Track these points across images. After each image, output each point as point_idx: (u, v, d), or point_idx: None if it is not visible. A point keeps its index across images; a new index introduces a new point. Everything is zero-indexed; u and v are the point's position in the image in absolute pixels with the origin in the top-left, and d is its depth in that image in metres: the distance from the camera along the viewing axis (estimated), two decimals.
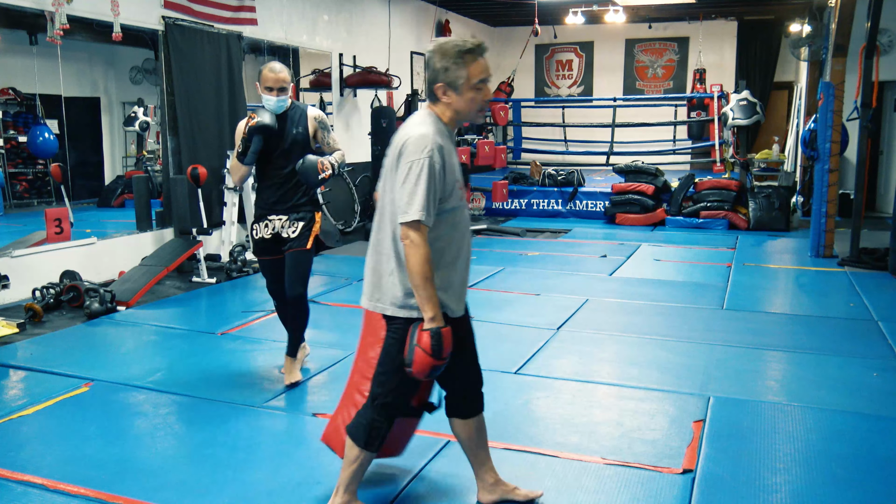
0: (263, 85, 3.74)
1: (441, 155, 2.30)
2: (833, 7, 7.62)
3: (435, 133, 2.33)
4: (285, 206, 3.90)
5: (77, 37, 6.71)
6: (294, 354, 4.01)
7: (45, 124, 7.78)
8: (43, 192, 8.98)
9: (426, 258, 2.27)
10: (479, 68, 2.36)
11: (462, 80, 2.33)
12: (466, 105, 2.36)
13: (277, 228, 3.88)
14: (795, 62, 13.15)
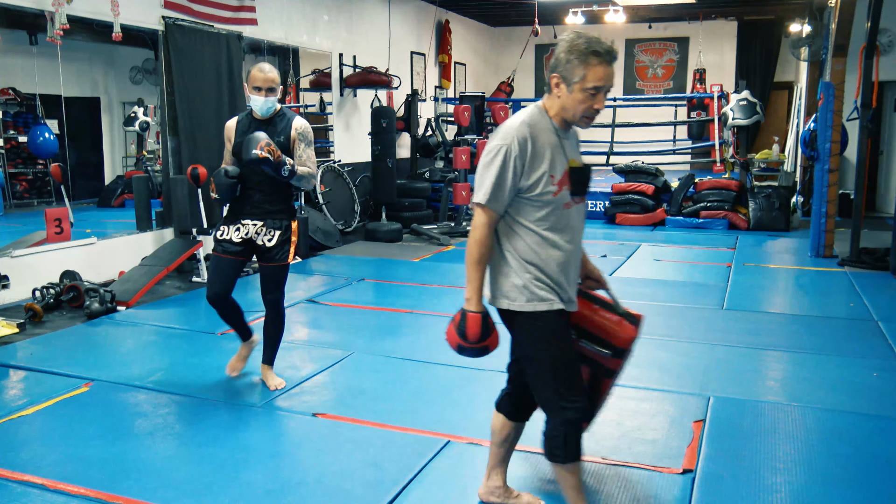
0: (252, 84, 3.64)
1: (522, 145, 2.25)
2: (833, 7, 7.62)
3: (524, 123, 2.29)
4: (260, 212, 3.73)
5: (77, 37, 6.71)
6: (271, 362, 3.97)
7: (45, 124, 7.78)
8: (43, 192, 8.97)
9: (480, 241, 2.29)
10: (598, 74, 2.21)
11: (577, 79, 2.22)
12: (573, 105, 2.25)
13: (251, 234, 3.73)
14: (795, 62, 13.16)
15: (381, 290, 6.36)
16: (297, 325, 5.22)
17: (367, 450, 3.17)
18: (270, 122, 3.71)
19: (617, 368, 2.54)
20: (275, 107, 3.69)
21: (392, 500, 2.75)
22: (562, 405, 2.35)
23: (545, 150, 2.28)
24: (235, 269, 3.80)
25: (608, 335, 2.48)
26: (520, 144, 2.26)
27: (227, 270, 3.79)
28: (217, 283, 3.79)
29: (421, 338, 4.80)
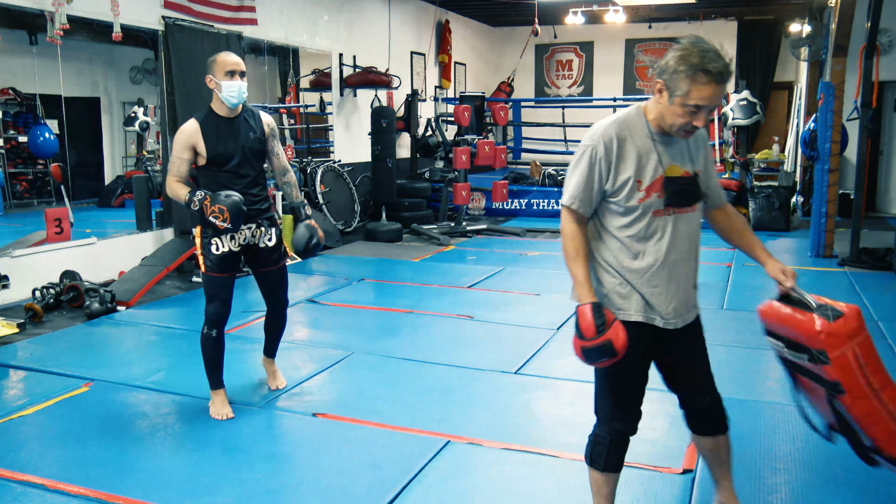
0: (223, 70, 3.28)
1: (608, 146, 2.20)
2: (833, 7, 7.62)
3: (615, 123, 2.24)
4: (254, 212, 3.50)
5: (77, 37, 6.71)
6: (274, 354, 3.91)
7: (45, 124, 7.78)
8: (43, 192, 8.98)
9: (571, 236, 2.24)
10: (703, 93, 2.07)
11: (680, 93, 2.10)
12: (671, 117, 2.15)
13: (248, 238, 3.52)
14: (795, 62, 13.15)
15: (381, 290, 6.36)
16: (297, 325, 5.22)
17: (367, 450, 3.17)
18: (238, 118, 3.40)
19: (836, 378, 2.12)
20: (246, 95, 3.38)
21: (392, 500, 2.75)
22: (611, 415, 2.34)
23: (633, 154, 2.20)
24: (233, 284, 3.57)
25: (800, 337, 2.21)
26: (605, 146, 2.21)
27: (229, 288, 3.53)
28: (219, 300, 3.50)
29: (421, 338, 4.80)
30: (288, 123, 10.78)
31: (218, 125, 3.38)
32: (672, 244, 2.28)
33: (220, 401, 3.57)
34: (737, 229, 2.49)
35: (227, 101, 3.35)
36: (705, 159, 2.36)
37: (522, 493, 2.81)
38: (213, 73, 3.32)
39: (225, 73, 3.30)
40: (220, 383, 3.58)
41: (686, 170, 2.27)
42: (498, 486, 2.86)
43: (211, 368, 3.56)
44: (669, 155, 2.23)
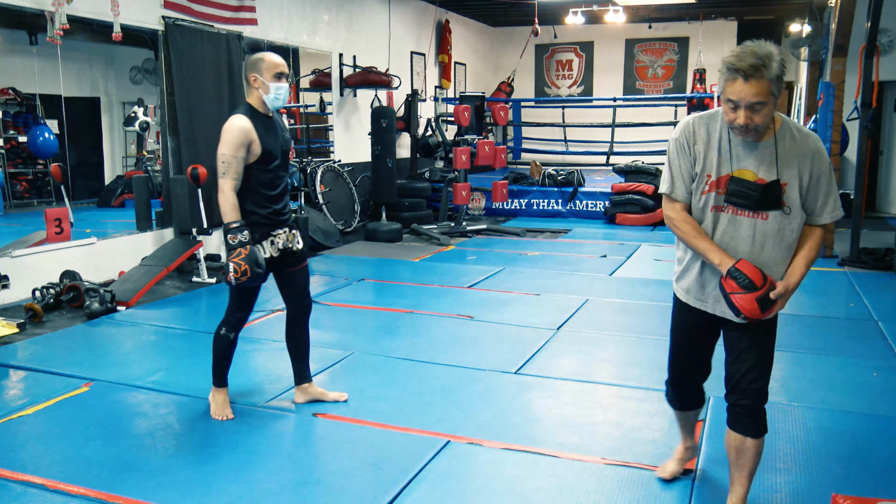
0: (273, 72, 3.25)
1: (688, 137, 2.40)
2: (833, 7, 7.62)
3: (698, 117, 2.43)
4: (286, 217, 3.44)
5: (77, 37, 6.71)
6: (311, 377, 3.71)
7: (45, 124, 7.79)
8: (43, 192, 8.98)
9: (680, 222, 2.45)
10: (733, 88, 2.21)
11: (719, 91, 2.31)
12: (725, 115, 2.29)
13: (285, 243, 3.41)
14: (795, 62, 13.15)
15: (381, 290, 6.36)
16: None
17: (367, 450, 3.17)
18: (273, 118, 3.38)
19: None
20: None
21: (392, 500, 2.75)
22: (666, 380, 2.81)
23: (709, 149, 2.38)
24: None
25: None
26: (685, 136, 2.41)
27: (257, 295, 3.48)
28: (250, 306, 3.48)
29: (421, 338, 4.80)
30: (288, 123, 10.79)
31: (263, 123, 3.30)
32: (725, 241, 2.40)
33: (223, 400, 3.55)
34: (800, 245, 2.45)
35: (273, 102, 3.31)
36: (800, 174, 2.33)
37: (522, 493, 2.81)
38: (261, 74, 3.26)
39: (274, 76, 3.26)
40: (225, 382, 3.57)
41: (761, 177, 2.32)
42: (498, 486, 2.86)
43: (220, 367, 3.54)
44: (746, 158, 2.34)
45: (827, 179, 2.36)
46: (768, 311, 2.35)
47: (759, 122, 2.22)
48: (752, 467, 2.51)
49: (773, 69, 2.18)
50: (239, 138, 3.19)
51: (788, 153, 2.32)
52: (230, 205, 3.19)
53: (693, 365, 2.68)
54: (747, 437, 2.46)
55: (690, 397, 2.78)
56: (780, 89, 2.23)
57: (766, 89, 2.18)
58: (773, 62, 2.18)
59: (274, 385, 3.93)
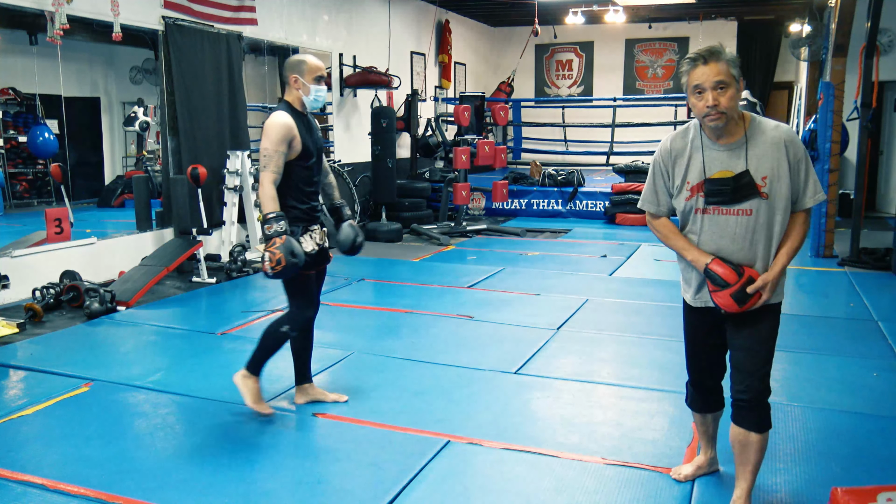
0: (314, 75, 3.32)
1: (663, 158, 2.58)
2: (833, 7, 7.62)
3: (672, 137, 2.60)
4: (318, 214, 3.54)
5: (77, 37, 6.71)
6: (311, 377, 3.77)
7: (45, 124, 7.79)
8: (43, 192, 8.98)
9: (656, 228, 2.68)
10: (694, 74, 2.39)
11: (685, 87, 2.45)
12: (696, 111, 2.43)
13: (320, 239, 3.51)
14: (795, 62, 13.16)
15: (381, 290, 6.36)
16: None
17: (367, 450, 3.17)
18: (309, 117, 3.45)
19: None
20: None
21: (392, 500, 2.75)
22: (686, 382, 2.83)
23: (690, 159, 2.52)
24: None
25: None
26: (663, 158, 2.59)
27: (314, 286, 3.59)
28: (313, 300, 3.61)
29: (421, 338, 4.80)
30: None
31: (302, 121, 3.36)
32: (713, 239, 2.51)
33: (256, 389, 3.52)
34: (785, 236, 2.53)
35: (313, 104, 3.38)
36: (779, 163, 2.42)
37: (522, 493, 2.81)
38: (302, 75, 3.32)
39: (315, 78, 3.33)
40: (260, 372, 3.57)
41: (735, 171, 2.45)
42: (498, 486, 2.86)
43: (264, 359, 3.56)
44: (720, 160, 2.46)
45: (805, 164, 2.46)
46: (747, 304, 2.45)
47: (724, 103, 2.36)
48: (756, 462, 2.56)
49: (727, 53, 2.39)
50: (281, 133, 3.23)
51: (761, 146, 2.43)
52: (269, 196, 3.21)
53: (706, 363, 2.74)
54: (751, 431, 2.52)
55: (710, 398, 2.80)
56: (739, 76, 2.39)
57: (725, 69, 2.36)
58: (725, 49, 2.41)
59: (274, 385, 3.93)
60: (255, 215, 7.53)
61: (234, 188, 7.30)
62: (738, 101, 2.42)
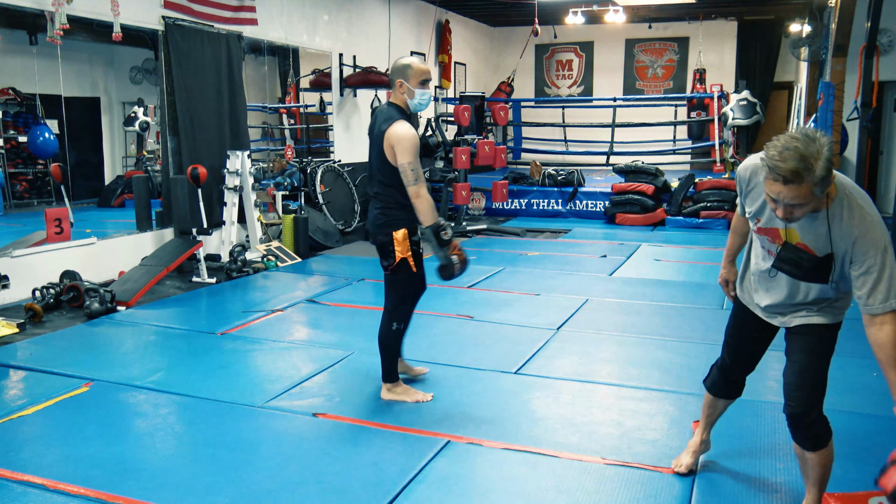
0: (420, 78, 3.42)
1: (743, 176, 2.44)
2: (833, 7, 7.62)
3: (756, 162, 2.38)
4: None
5: (77, 37, 6.71)
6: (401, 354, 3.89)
7: (45, 124, 7.78)
8: (43, 192, 8.97)
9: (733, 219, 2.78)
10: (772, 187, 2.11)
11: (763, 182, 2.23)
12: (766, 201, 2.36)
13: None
14: (795, 62, 13.16)
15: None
16: (297, 325, 5.22)
17: (367, 450, 3.17)
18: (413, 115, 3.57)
19: None
20: None
21: (392, 500, 2.74)
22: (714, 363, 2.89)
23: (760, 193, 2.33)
24: None
25: None
26: (741, 175, 2.45)
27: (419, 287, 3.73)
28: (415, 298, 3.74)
29: (421, 338, 4.80)
30: (288, 123, 10.78)
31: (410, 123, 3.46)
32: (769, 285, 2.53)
33: (406, 388, 3.73)
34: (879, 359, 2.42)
35: (417, 107, 3.50)
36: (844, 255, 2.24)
37: (522, 493, 2.81)
38: (407, 80, 3.43)
39: (420, 82, 3.43)
40: (397, 375, 3.73)
41: (805, 243, 2.31)
42: (498, 486, 2.86)
43: (393, 360, 3.70)
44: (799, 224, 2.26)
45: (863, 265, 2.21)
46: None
47: (799, 215, 2.14)
48: (816, 477, 2.55)
49: (818, 171, 2.04)
50: (415, 144, 3.37)
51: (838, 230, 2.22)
52: (431, 206, 3.37)
53: (747, 353, 2.75)
54: (805, 450, 2.53)
55: (732, 386, 2.83)
56: (826, 188, 2.11)
57: (807, 191, 2.07)
58: (818, 163, 2.03)
59: (274, 385, 3.93)
60: (255, 215, 7.54)
61: (234, 188, 7.30)
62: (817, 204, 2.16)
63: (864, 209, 2.20)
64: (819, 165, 2.03)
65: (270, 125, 10.70)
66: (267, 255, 7.18)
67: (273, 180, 8.48)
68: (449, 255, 3.38)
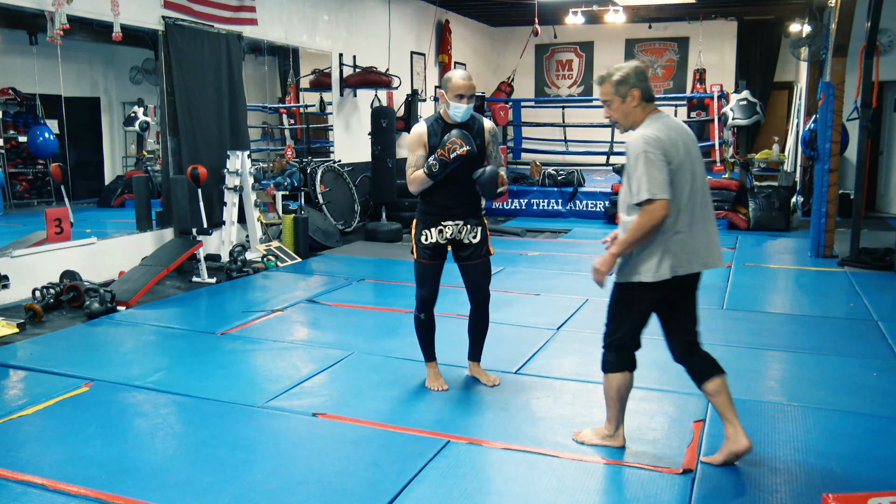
0: (455, 93, 3.64)
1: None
2: (833, 7, 7.62)
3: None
4: (462, 212, 3.83)
5: (77, 37, 6.70)
6: (479, 358, 4.06)
7: (45, 124, 7.78)
8: (43, 192, 8.97)
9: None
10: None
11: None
12: None
13: (455, 234, 3.85)
14: (795, 62, 13.15)
15: (381, 290, 6.36)
16: (297, 325, 5.22)
17: (367, 450, 3.17)
18: (464, 125, 3.73)
19: None
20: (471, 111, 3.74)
21: (392, 500, 2.74)
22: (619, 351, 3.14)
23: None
24: (440, 272, 3.91)
25: None
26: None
27: (438, 274, 3.91)
28: (428, 285, 3.87)
29: None
30: (288, 123, 10.78)
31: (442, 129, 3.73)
32: None
33: (434, 373, 3.92)
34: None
35: (453, 117, 3.72)
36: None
37: (522, 493, 2.81)
38: (447, 92, 3.67)
39: (455, 96, 3.64)
40: (433, 356, 3.95)
41: None
42: (498, 486, 2.86)
43: (423, 345, 3.93)
44: None
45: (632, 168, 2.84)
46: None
47: (609, 114, 3.01)
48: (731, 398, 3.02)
49: (614, 76, 2.97)
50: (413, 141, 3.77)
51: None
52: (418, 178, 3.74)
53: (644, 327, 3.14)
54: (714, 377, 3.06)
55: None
56: (623, 92, 2.94)
57: (607, 89, 2.97)
58: (616, 71, 2.97)
59: (274, 385, 3.93)
60: (255, 215, 7.54)
61: (234, 188, 7.30)
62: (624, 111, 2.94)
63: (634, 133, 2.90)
64: (615, 72, 2.98)
65: (270, 125, 10.70)
66: (267, 255, 7.18)
67: (273, 180, 8.48)
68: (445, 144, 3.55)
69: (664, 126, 2.87)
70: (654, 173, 2.75)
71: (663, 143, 2.80)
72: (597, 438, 3.17)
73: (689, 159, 2.87)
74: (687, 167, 2.85)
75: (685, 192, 2.85)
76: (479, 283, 3.97)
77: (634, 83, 2.92)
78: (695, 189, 2.88)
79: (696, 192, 2.89)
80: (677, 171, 2.82)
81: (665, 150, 2.79)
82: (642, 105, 2.93)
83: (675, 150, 2.82)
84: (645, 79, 2.97)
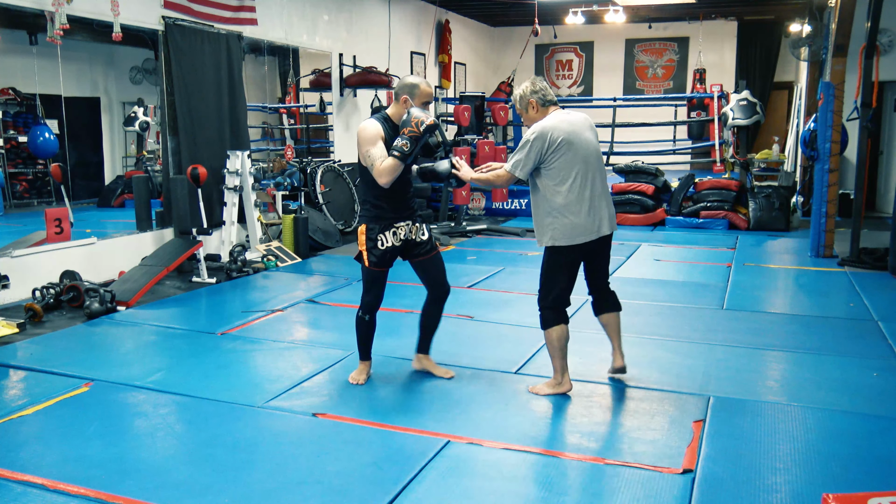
0: (422, 100, 3.73)
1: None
2: (833, 7, 7.62)
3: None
4: (409, 212, 3.91)
5: (77, 37, 6.70)
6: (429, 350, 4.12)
7: (45, 124, 7.78)
8: (43, 192, 8.97)
9: None
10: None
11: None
12: None
13: (406, 234, 3.89)
14: (795, 62, 13.16)
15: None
16: (297, 325, 5.22)
17: (367, 450, 3.17)
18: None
19: None
20: None
21: (392, 500, 2.74)
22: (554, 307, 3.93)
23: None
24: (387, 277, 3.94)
25: None
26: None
27: (384, 281, 3.93)
28: (376, 291, 3.89)
29: None
30: (288, 123, 10.78)
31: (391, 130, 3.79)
32: None
33: (361, 369, 3.99)
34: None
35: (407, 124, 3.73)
36: None
37: (522, 493, 2.81)
38: (413, 98, 3.72)
39: (423, 103, 3.75)
40: (368, 356, 4.01)
41: None
42: (498, 486, 2.86)
43: (362, 344, 3.99)
44: None
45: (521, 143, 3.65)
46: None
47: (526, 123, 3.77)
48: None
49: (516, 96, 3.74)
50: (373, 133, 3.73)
51: None
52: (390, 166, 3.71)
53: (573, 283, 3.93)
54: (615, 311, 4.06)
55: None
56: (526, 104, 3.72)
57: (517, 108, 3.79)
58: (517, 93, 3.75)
59: (274, 385, 3.93)
60: (255, 215, 7.54)
61: (234, 188, 7.30)
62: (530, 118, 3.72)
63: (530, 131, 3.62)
64: (517, 93, 3.75)
65: (270, 125, 10.70)
66: (267, 255, 7.18)
67: (273, 180, 8.48)
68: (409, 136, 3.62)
69: (555, 119, 3.61)
70: (520, 155, 3.64)
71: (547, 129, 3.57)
72: (548, 389, 3.75)
73: (577, 139, 3.59)
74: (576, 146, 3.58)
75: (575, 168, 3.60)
76: (438, 278, 4.03)
77: (529, 96, 3.68)
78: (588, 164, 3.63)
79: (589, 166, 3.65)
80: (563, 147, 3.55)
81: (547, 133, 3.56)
82: (541, 109, 3.69)
83: (559, 133, 3.54)
84: (539, 90, 3.67)
